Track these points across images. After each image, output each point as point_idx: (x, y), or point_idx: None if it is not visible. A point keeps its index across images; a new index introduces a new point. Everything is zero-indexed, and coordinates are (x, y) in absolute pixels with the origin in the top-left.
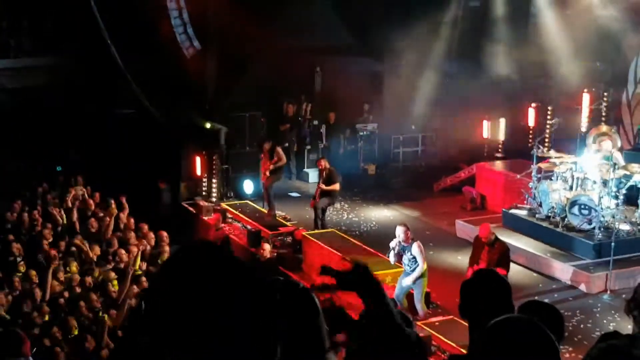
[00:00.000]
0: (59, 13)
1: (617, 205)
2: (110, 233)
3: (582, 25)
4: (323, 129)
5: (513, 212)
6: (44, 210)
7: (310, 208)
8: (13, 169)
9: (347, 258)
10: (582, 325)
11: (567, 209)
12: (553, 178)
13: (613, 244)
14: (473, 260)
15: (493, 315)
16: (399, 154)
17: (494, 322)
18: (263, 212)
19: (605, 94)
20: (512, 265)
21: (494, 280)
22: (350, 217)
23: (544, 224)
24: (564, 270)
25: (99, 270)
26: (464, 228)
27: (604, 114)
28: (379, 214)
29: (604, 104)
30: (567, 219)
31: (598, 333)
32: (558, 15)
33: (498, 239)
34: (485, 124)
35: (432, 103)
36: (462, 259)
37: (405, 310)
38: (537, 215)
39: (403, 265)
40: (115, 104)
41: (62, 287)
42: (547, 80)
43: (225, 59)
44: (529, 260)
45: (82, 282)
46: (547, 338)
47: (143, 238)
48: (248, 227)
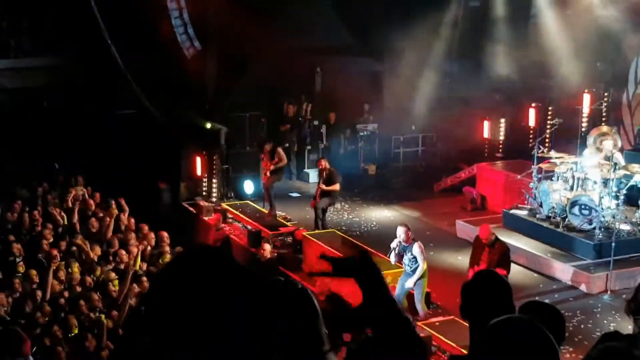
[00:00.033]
0: (59, 13)
1: (617, 206)
2: (111, 233)
3: (582, 26)
4: (323, 129)
5: (513, 212)
6: (44, 211)
7: (311, 208)
8: (13, 169)
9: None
10: (582, 326)
11: (567, 209)
12: (553, 178)
13: (613, 244)
14: (473, 261)
15: (494, 316)
16: (399, 154)
17: (494, 322)
18: (263, 212)
19: (606, 94)
20: (512, 266)
21: (495, 281)
22: (351, 217)
23: (545, 224)
24: (565, 271)
25: (101, 269)
26: (465, 228)
27: (605, 115)
28: (379, 214)
29: (605, 105)
30: (567, 219)
31: (598, 333)
32: (558, 16)
33: (498, 240)
34: (486, 124)
35: (432, 103)
36: (462, 259)
37: (406, 311)
38: (537, 216)
39: (403, 266)
40: (115, 104)
41: (62, 287)
42: (547, 81)
43: (225, 59)
44: (530, 261)
45: (82, 281)
46: (546, 339)
47: (143, 239)
48: (248, 227)
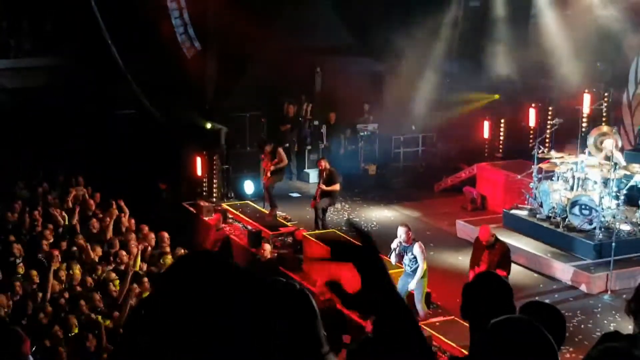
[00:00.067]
0: (59, 13)
1: (617, 206)
2: (111, 234)
3: (582, 26)
4: (323, 129)
5: (514, 212)
6: (45, 211)
7: (311, 208)
8: (13, 169)
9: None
10: (582, 326)
11: (567, 209)
12: (554, 178)
13: (614, 244)
14: (474, 262)
15: (494, 317)
16: (400, 154)
17: (493, 322)
18: (264, 212)
19: (606, 94)
20: (512, 266)
21: (496, 283)
22: (351, 217)
23: (545, 224)
24: (565, 271)
25: (102, 268)
26: (465, 228)
27: (605, 115)
28: (380, 214)
29: (605, 105)
30: (567, 219)
31: (599, 333)
32: (558, 16)
33: (498, 240)
34: (486, 124)
35: (432, 103)
36: (462, 259)
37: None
38: (537, 216)
39: (404, 266)
40: (115, 104)
41: (61, 286)
42: (547, 81)
43: (225, 59)
44: (530, 261)
45: (83, 281)
46: (545, 339)
47: (144, 239)
48: (248, 227)
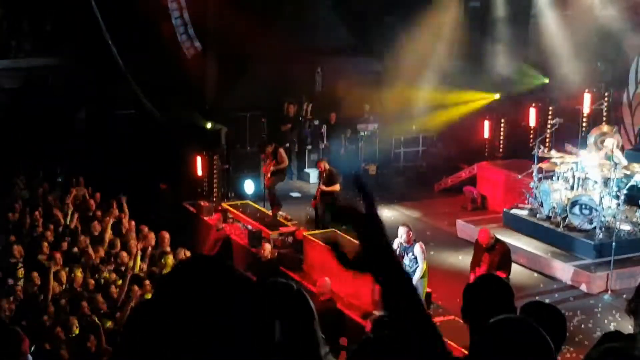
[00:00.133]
0: (59, 13)
1: (618, 205)
2: (111, 235)
3: (582, 26)
4: (324, 129)
5: (514, 212)
6: (45, 211)
7: (312, 208)
8: (13, 169)
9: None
10: (583, 326)
11: (568, 209)
12: (554, 178)
13: (614, 244)
14: (474, 264)
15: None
16: (400, 154)
17: (491, 322)
18: (264, 212)
19: (606, 94)
20: (513, 266)
21: (496, 285)
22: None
23: (545, 224)
24: (565, 270)
25: (105, 268)
26: (465, 228)
27: (605, 114)
28: (380, 214)
29: (605, 104)
30: (568, 219)
31: (599, 333)
32: (558, 16)
33: (499, 241)
34: (486, 124)
35: (432, 103)
36: (463, 259)
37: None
38: (538, 215)
39: (404, 266)
40: (115, 104)
41: (62, 287)
42: (547, 81)
43: (225, 59)
44: (530, 261)
45: (84, 283)
46: (542, 339)
47: (144, 239)
48: (249, 227)
